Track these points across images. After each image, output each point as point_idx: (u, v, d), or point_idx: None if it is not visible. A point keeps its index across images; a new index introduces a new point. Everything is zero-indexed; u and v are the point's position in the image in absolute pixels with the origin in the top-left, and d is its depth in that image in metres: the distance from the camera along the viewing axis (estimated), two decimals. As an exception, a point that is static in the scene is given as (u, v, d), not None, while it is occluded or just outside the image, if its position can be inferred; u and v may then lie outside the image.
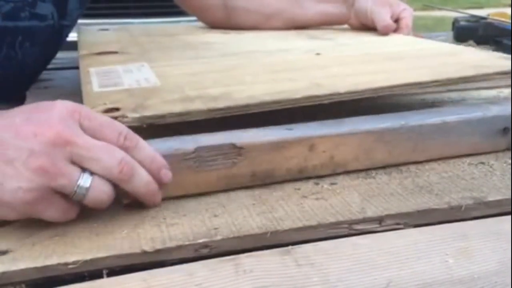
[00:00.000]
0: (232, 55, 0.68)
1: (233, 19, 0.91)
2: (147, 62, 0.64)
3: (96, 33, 0.91)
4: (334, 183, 0.47)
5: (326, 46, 0.74)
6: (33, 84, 0.79)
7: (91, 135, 0.39)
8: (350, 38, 0.80)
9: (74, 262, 0.35)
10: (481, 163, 0.51)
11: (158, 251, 0.37)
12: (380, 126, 0.49)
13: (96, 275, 0.36)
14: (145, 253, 0.36)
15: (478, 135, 0.52)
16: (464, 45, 1.02)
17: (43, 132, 0.37)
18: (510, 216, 0.42)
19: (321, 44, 0.76)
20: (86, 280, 0.35)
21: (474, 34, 1.08)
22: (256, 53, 0.69)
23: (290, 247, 0.38)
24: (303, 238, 0.39)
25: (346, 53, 0.68)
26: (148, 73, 0.58)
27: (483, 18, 1.14)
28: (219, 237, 0.38)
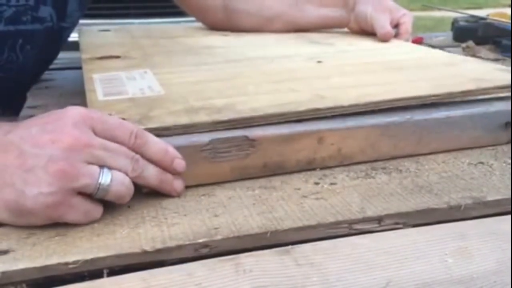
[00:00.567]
0: (234, 61, 0.69)
1: (233, 21, 0.91)
2: (150, 68, 0.64)
3: (97, 34, 0.91)
4: (334, 183, 0.47)
5: (326, 53, 0.74)
6: (34, 84, 0.79)
7: (104, 138, 0.41)
8: (350, 44, 0.80)
9: (74, 262, 0.35)
10: (481, 163, 0.51)
11: (158, 251, 0.37)
12: (386, 120, 0.51)
13: (96, 274, 0.36)
14: (145, 252, 0.37)
15: (481, 129, 0.54)
16: (463, 45, 1.03)
17: (60, 138, 0.39)
18: (509, 216, 0.42)
19: (321, 50, 0.76)
20: (87, 280, 0.35)
21: (473, 34, 1.08)
22: (258, 60, 0.69)
23: (290, 246, 0.38)
24: (303, 238, 0.39)
25: (346, 61, 0.69)
26: (151, 80, 0.58)
27: (482, 19, 1.14)
28: (219, 237, 0.38)
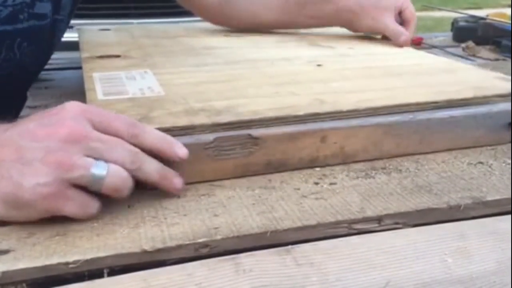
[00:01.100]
0: (234, 63, 0.69)
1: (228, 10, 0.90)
2: (150, 68, 0.64)
3: (97, 34, 0.91)
4: (334, 183, 0.47)
5: (326, 56, 0.74)
6: (34, 84, 0.79)
7: (102, 131, 0.41)
8: (350, 48, 0.80)
9: (74, 262, 0.35)
10: (480, 163, 0.51)
11: (158, 251, 0.37)
12: (388, 120, 0.51)
13: (96, 274, 0.36)
14: (145, 252, 0.37)
15: (483, 129, 0.55)
16: (463, 45, 1.03)
17: (57, 131, 0.39)
18: (509, 216, 0.42)
19: (321, 53, 0.76)
20: (87, 280, 0.35)
21: (473, 34, 1.08)
22: (258, 62, 0.69)
23: (290, 246, 0.38)
24: (303, 238, 0.39)
25: (346, 65, 0.69)
26: (151, 81, 0.58)
27: (482, 19, 1.14)
28: (219, 237, 0.38)
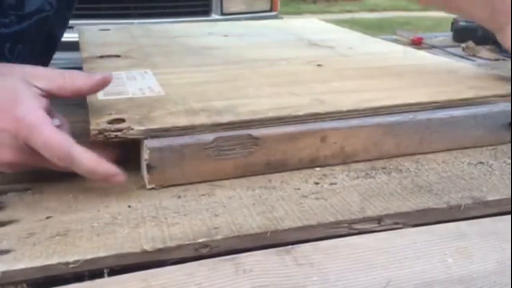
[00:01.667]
0: (234, 63, 0.69)
1: None
2: (150, 68, 0.64)
3: (97, 34, 0.91)
4: (334, 183, 0.47)
5: (326, 56, 0.74)
6: None
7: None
8: (349, 47, 0.80)
9: (74, 262, 0.35)
10: (480, 163, 0.51)
11: (158, 251, 0.37)
12: (389, 120, 0.51)
13: (96, 274, 0.36)
14: (145, 252, 0.37)
15: (483, 129, 0.55)
16: (463, 45, 1.03)
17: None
18: (509, 216, 0.42)
19: (321, 53, 0.76)
20: (87, 280, 0.35)
21: (473, 34, 1.08)
22: (258, 62, 0.69)
23: (290, 246, 0.38)
24: (303, 238, 0.39)
25: (346, 65, 0.69)
26: (151, 81, 0.58)
27: (482, 19, 1.14)
28: (219, 237, 0.38)
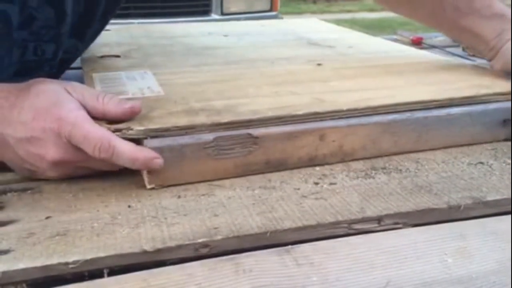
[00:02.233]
0: (234, 63, 0.69)
1: None
2: (150, 68, 0.64)
3: None
4: (334, 183, 0.47)
5: (326, 55, 0.74)
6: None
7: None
8: (349, 47, 0.80)
9: (74, 262, 0.35)
10: (480, 163, 0.51)
11: (158, 251, 0.37)
12: (387, 118, 0.51)
13: (96, 274, 0.36)
14: (145, 252, 0.37)
15: (480, 126, 0.55)
16: (463, 45, 1.02)
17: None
18: (509, 216, 0.42)
19: (321, 52, 0.76)
20: (87, 280, 0.35)
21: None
22: (258, 62, 0.69)
23: (290, 246, 0.38)
24: (303, 238, 0.39)
25: (346, 64, 0.69)
26: (151, 81, 0.58)
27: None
28: (219, 237, 0.38)
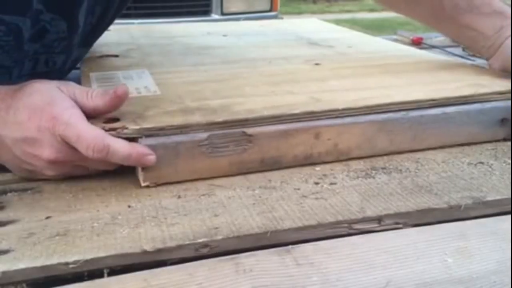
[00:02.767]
0: (232, 62, 0.69)
1: None
2: (148, 67, 0.64)
3: None
4: (334, 183, 0.47)
5: (325, 55, 0.74)
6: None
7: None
8: (349, 47, 0.80)
9: (74, 262, 0.35)
10: (480, 162, 0.51)
11: (158, 251, 0.37)
12: (382, 116, 0.51)
13: (96, 274, 0.36)
14: (145, 252, 0.37)
15: (477, 125, 0.55)
16: (463, 45, 1.02)
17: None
18: (509, 216, 0.42)
19: (320, 52, 0.76)
20: (87, 280, 0.35)
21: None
22: (256, 61, 0.69)
23: (290, 246, 0.38)
24: (303, 238, 0.39)
25: (344, 64, 0.68)
26: (148, 80, 0.58)
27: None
28: (219, 237, 0.38)
